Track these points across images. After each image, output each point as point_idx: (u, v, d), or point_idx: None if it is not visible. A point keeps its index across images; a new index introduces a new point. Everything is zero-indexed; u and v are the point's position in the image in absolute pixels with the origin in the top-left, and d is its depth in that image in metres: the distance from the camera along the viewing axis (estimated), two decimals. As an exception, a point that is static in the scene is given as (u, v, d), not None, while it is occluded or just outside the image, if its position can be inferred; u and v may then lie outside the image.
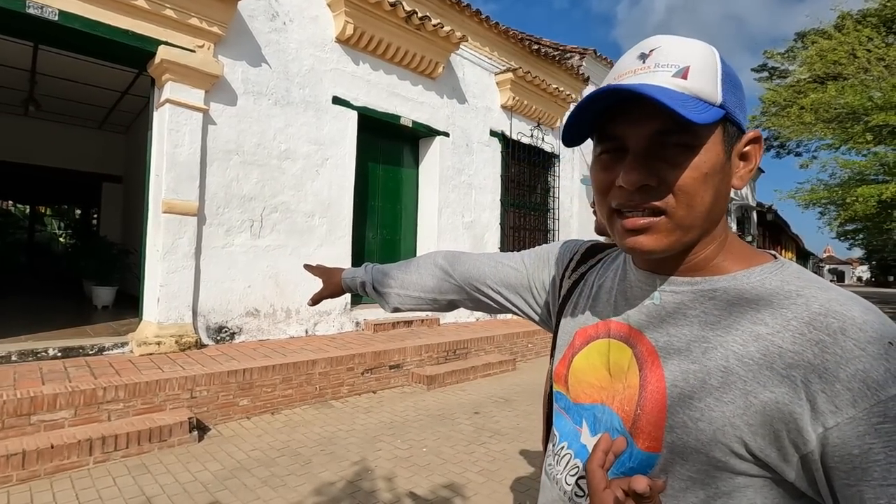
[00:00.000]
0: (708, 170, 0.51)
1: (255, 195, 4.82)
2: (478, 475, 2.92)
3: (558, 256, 0.81)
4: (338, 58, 5.51)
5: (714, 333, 0.53)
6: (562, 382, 0.69)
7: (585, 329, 0.68)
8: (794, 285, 0.51)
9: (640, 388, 0.56)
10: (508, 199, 7.78)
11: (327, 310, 5.41)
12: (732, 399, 0.49)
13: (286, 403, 3.99)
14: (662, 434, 0.53)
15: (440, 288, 0.94)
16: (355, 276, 1.06)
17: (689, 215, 0.52)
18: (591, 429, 0.62)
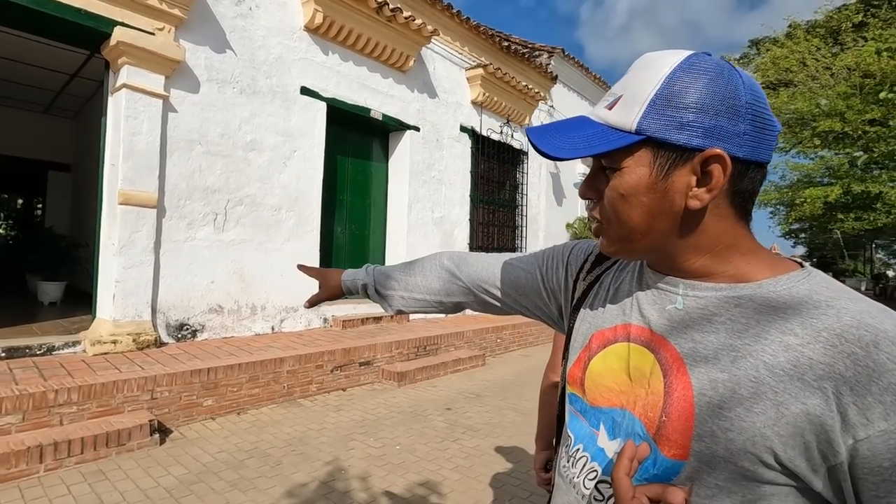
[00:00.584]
0: (625, 191, 0.56)
1: (220, 187, 4.63)
2: (453, 472, 2.92)
3: (571, 258, 0.80)
4: (306, 47, 5.35)
5: (742, 342, 0.52)
6: (577, 385, 0.68)
7: (603, 332, 0.67)
8: (823, 295, 0.51)
9: (666, 395, 0.55)
10: (478, 196, 7.80)
11: (294, 306, 5.27)
12: (763, 410, 0.49)
13: (253, 403, 3.86)
14: (690, 442, 0.52)
15: (447, 290, 0.92)
16: (356, 278, 1.02)
17: (621, 229, 0.58)
18: (609, 432, 0.62)
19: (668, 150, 0.54)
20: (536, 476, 1.35)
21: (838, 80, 10.95)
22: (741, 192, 0.55)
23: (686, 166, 0.53)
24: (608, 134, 0.55)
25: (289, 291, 5.18)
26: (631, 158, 0.55)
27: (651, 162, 0.54)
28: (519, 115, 8.34)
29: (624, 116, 0.55)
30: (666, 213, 0.56)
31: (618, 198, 0.56)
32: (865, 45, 9.48)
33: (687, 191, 0.54)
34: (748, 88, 0.53)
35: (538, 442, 1.35)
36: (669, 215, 0.56)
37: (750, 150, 0.53)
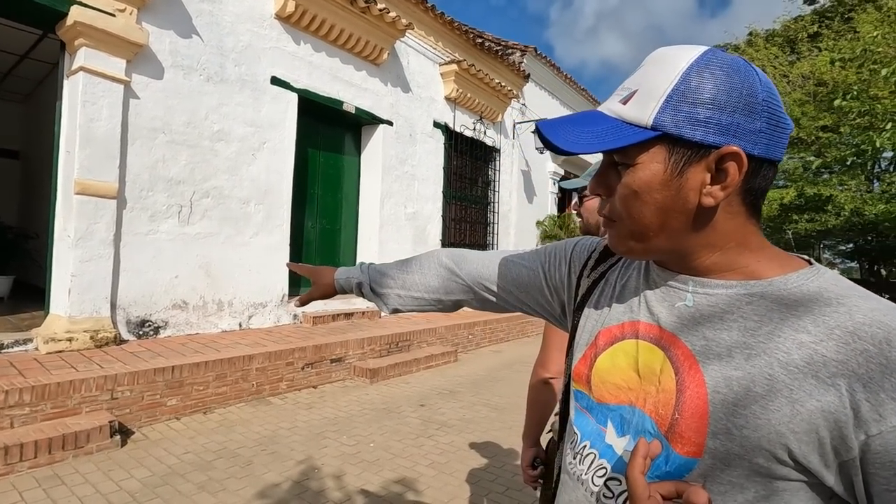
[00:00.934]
0: (638, 187, 0.55)
1: (185, 178, 4.45)
2: (428, 468, 2.90)
3: (574, 255, 0.79)
4: (278, 36, 5.20)
5: (756, 339, 0.52)
6: (583, 382, 0.67)
7: (610, 329, 0.66)
8: (834, 292, 0.52)
9: (678, 393, 0.55)
10: (450, 192, 7.79)
11: (263, 302, 5.14)
12: (779, 407, 0.49)
13: (220, 402, 3.74)
14: (704, 440, 0.52)
15: (446, 288, 0.90)
16: (350, 276, 0.99)
17: (633, 225, 0.57)
18: (617, 429, 0.61)
19: (683, 146, 0.53)
20: (524, 473, 1.35)
21: (794, 88, 11.48)
22: (753, 189, 0.55)
23: (701, 163, 0.53)
24: (623, 129, 0.54)
25: (257, 287, 5.04)
26: (645, 154, 0.54)
27: (666, 158, 0.54)
28: (492, 112, 8.37)
29: (639, 111, 0.54)
30: (679, 211, 0.55)
31: (631, 194, 0.56)
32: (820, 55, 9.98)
33: (701, 188, 0.54)
34: (764, 86, 0.53)
35: (526, 439, 1.35)
36: (682, 212, 0.55)
37: (765, 148, 0.53)
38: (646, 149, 0.54)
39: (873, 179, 11.10)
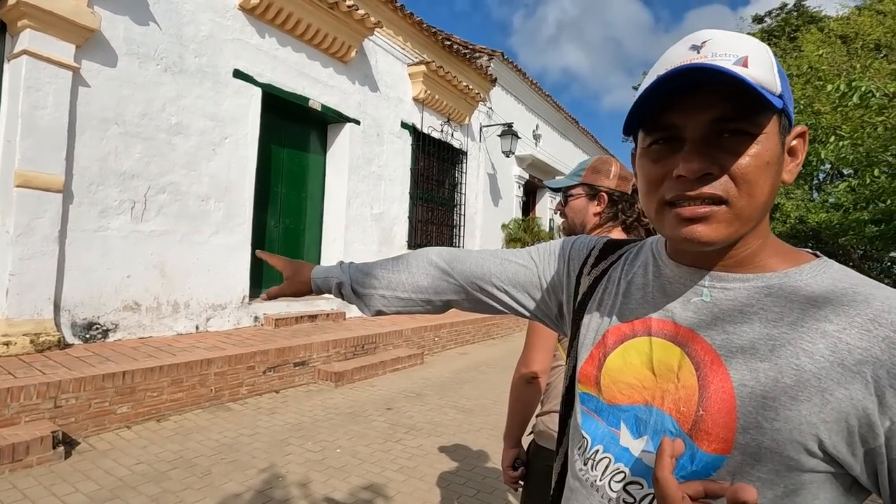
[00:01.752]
0: (769, 158, 0.51)
1: (139, 172, 4.21)
2: (397, 473, 2.84)
3: (573, 253, 0.77)
4: (241, 27, 5.02)
5: (779, 331, 0.51)
6: (591, 383, 0.64)
7: (619, 327, 0.64)
8: (847, 283, 0.52)
9: (701, 389, 0.53)
10: (417, 193, 7.75)
11: (222, 303, 4.93)
12: (808, 397, 0.48)
13: (176, 408, 3.55)
14: (733, 435, 0.51)
15: (436, 288, 0.85)
16: (329, 275, 0.91)
17: (750, 205, 0.51)
18: (632, 431, 0.59)
19: (785, 120, 0.53)
20: (504, 474, 1.33)
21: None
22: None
23: (786, 139, 0.54)
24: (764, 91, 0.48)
25: (216, 287, 4.83)
26: (770, 125, 0.51)
27: (778, 131, 0.52)
28: (459, 114, 8.38)
29: (767, 76, 0.49)
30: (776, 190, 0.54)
31: (763, 167, 0.50)
32: (768, 71, 10.52)
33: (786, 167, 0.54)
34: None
35: (507, 439, 1.33)
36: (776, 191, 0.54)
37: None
38: (769, 117, 0.50)
39: (814, 190, 11.80)
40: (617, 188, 1.29)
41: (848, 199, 7.61)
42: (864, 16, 10.03)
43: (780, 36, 14.04)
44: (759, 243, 0.56)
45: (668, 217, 0.54)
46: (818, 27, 12.26)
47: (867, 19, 9.70)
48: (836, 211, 8.72)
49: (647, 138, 0.55)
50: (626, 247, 0.73)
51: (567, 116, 13.00)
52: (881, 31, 9.06)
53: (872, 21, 9.51)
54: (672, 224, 0.53)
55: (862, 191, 6.45)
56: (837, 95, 4.94)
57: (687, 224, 0.52)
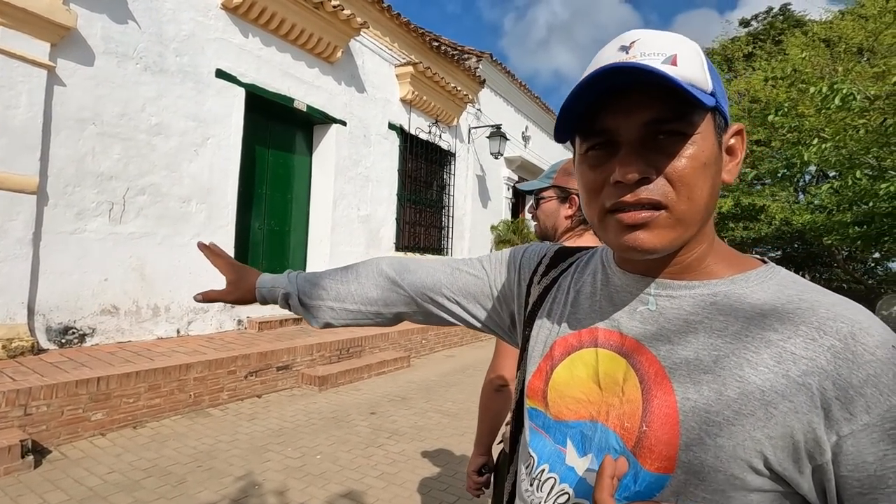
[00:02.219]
0: (706, 159, 0.49)
1: (117, 174, 4.13)
2: (378, 479, 2.79)
3: (523, 261, 0.74)
4: (224, 27, 4.95)
5: (723, 341, 0.49)
6: (539, 398, 0.61)
7: (566, 338, 0.61)
8: (794, 290, 0.50)
9: (645, 403, 0.51)
10: (405, 195, 7.71)
11: (203, 307, 4.85)
12: (752, 411, 0.45)
13: (153, 415, 3.47)
14: (676, 452, 0.48)
15: (386, 299, 0.81)
16: (276, 285, 0.86)
17: (690, 209, 0.49)
18: (578, 449, 0.56)
19: (720, 119, 0.51)
20: (468, 479, 1.30)
21: (732, 104, 12.20)
22: None
23: (722, 139, 0.52)
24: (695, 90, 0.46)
25: (198, 290, 4.73)
26: (704, 123, 0.49)
27: (714, 130, 0.50)
28: (447, 115, 8.36)
29: (697, 74, 0.47)
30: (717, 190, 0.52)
31: (700, 168, 0.48)
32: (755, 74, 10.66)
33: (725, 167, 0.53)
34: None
35: (477, 446, 1.30)
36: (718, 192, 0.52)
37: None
38: (703, 117, 0.49)
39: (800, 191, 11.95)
40: None
41: (831, 200, 7.69)
42: (847, 20, 10.17)
43: (765, 39, 14.21)
44: (703, 248, 0.54)
45: (611, 225, 0.51)
46: (802, 31, 12.42)
47: (850, 23, 9.83)
48: (821, 212, 8.82)
49: (584, 144, 0.53)
50: (577, 254, 0.71)
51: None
52: (863, 35, 9.19)
53: (855, 25, 9.64)
54: (614, 232, 0.51)
55: (845, 192, 6.53)
56: (820, 98, 4.98)
57: (629, 231, 0.50)
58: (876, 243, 6.99)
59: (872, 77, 7.57)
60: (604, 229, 0.53)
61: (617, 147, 0.50)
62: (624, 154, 0.49)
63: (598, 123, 0.50)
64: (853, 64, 8.79)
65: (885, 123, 5.17)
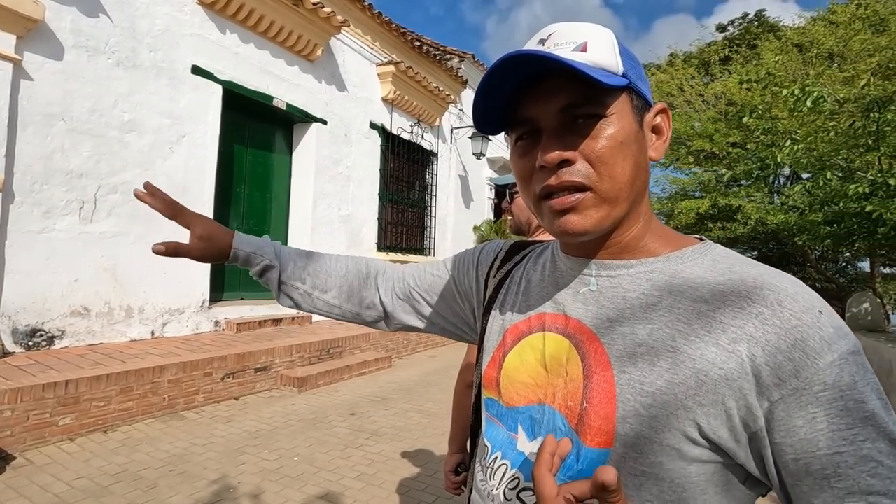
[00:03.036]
0: (623, 138, 0.51)
1: (88, 171, 4.02)
2: (356, 481, 2.76)
3: (482, 258, 0.76)
4: (200, 22, 4.86)
5: (658, 315, 0.51)
6: (493, 387, 0.62)
7: (517, 326, 0.62)
8: (726, 263, 0.52)
9: (585, 380, 0.52)
10: (387, 194, 7.67)
11: (179, 308, 4.74)
12: (683, 380, 0.46)
13: (125, 418, 3.38)
14: (613, 426, 0.49)
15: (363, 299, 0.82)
16: (257, 251, 0.79)
17: (613, 186, 0.51)
18: (528, 433, 0.56)
19: (638, 99, 0.53)
20: (445, 479, 1.29)
21: (709, 106, 12.45)
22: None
23: (645, 118, 0.54)
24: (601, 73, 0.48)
25: (173, 291, 4.65)
26: (617, 104, 0.51)
27: (631, 110, 0.52)
28: (429, 115, 8.35)
29: (607, 59, 0.50)
30: (645, 169, 0.54)
31: (616, 146, 0.50)
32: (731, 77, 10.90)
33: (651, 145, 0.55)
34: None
35: (451, 445, 1.29)
36: (644, 170, 0.54)
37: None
38: (616, 98, 0.51)
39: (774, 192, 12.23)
40: None
41: (804, 201, 7.88)
42: (819, 26, 10.46)
43: (741, 44, 14.53)
44: (639, 227, 0.55)
45: (545, 211, 0.54)
46: (776, 36, 12.73)
47: (821, 29, 10.11)
48: (794, 213, 9.04)
49: (513, 135, 0.56)
50: (531, 247, 0.73)
51: (538, 119, 13.12)
52: (833, 40, 9.46)
53: (826, 31, 9.91)
54: (549, 218, 0.54)
55: (816, 193, 6.70)
56: (793, 100, 5.10)
57: (560, 216, 0.52)
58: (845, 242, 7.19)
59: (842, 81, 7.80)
60: (540, 215, 0.55)
61: (540, 134, 0.52)
62: (545, 140, 0.51)
63: (520, 114, 0.53)
64: (824, 68, 9.05)
65: (854, 126, 5.32)
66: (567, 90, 0.50)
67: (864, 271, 12.27)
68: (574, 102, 0.50)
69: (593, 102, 0.50)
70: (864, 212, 5.11)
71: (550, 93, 0.50)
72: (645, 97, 0.54)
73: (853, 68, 8.42)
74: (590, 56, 0.49)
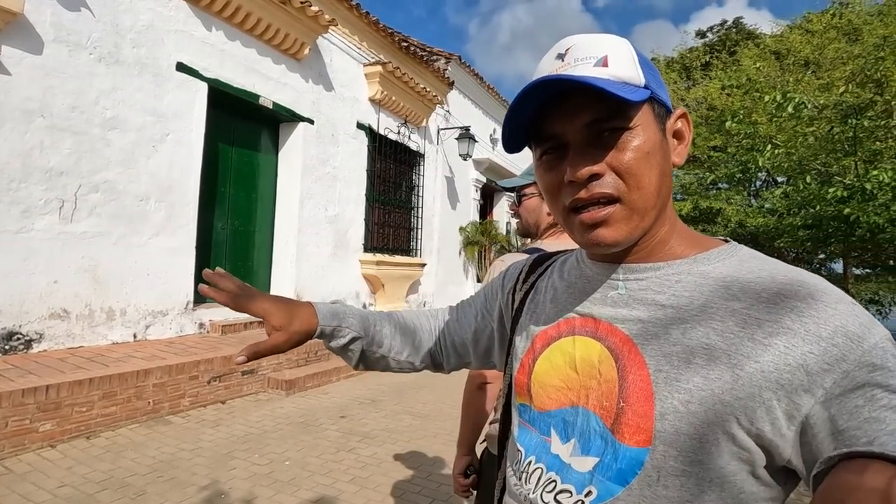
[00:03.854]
0: (649, 148, 0.52)
1: (68, 169, 3.90)
2: (349, 484, 2.73)
3: (507, 277, 0.78)
4: (185, 18, 4.76)
5: (689, 314, 0.51)
6: (524, 392, 0.63)
7: (546, 331, 0.63)
8: (754, 263, 0.53)
9: (620, 380, 0.52)
10: (374, 195, 7.62)
11: (163, 310, 4.63)
12: (720, 375, 0.47)
13: (108, 424, 3.29)
14: (652, 424, 0.49)
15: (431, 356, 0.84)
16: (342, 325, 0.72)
17: (642, 197, 0.52)
18: (561, 436, 0.57)
19: (660, 107, 0.54)
20: (454, 482, 1.28)
21: (690, 111, 12.69)
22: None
23: (667, 125, 0.55)
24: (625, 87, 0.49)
25: (157, 293, 4.54)
26: (640, 116, 0.52)
27: (654, 119, 0.53)
28: (416, 116, 8.32)
29: (628, 71, 0.51)
30: (669, 176, 0.55)
31: (643, 157, 0.51)
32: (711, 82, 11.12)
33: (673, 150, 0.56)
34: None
35: (460, 447, 1.28)
36: (669, 176, 0.55)
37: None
38: (640, 109, 0.52)
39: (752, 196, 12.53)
40: None
41: (782, 204, 8.10)
42: (796, 34, 10.75)
43: (720, 50, 14.86)
44: (665, 231, 0.56)
45: (575, 224, 0.55)
46: (755, 43, 13.05)
47: (798, 37, 10.40)
48: (772, 216, 9.27)
49: (538, 150, 0.57)
50: (554, 257, 0.74)
51: (523, 121, 13.19)
52: (810, 48, 9.73)
53: (802, 39, 10.20)
54: (579, 231, 0.55)
55: (794, 197, 6.88)
56: (773, 106, 5.23)
57: (591, 230, 0.53)
58: (822, 244, 7.40)
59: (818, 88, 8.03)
60: (569, 228, 0.56)
61: (567, 149, 0.53)
62: (572, 155, 0.53)
63: (546, 130, 0.54)
64: (801, 75, 9.31)
65: (832, 132, 5.48)
66: (592, 107, 0.51)
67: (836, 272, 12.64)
68: (599, 118, 0.51)
69: (618, 116, 0.51)
70: (841, 215, 5.26)
71: (575, 110, 0.52)
72: (666, 104, 0.55)
73: (828, 75, 8.68)
74: (611, 70, 0.50)
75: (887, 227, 5.13)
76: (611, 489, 0.51)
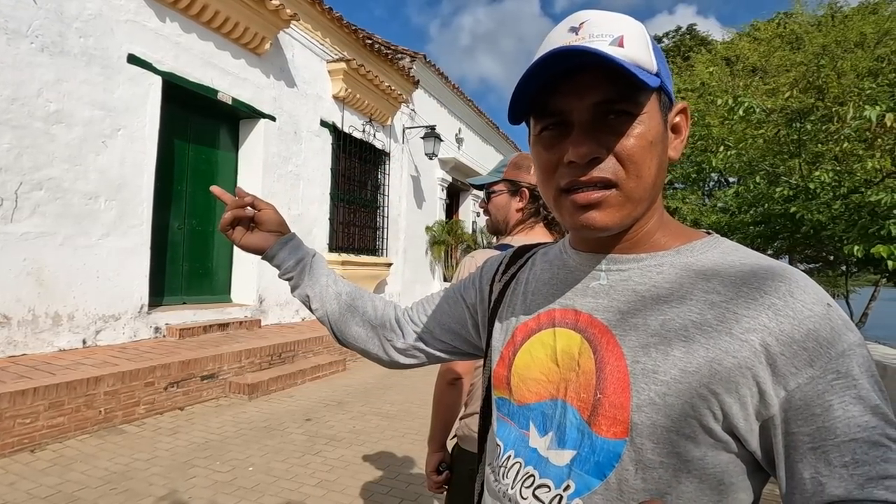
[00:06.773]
0: (653, 138, 0.51)
1: (8, 166, 3.65)
2: (316, 488, 2.67)
3: (485, 269, 0.77)
4: (136, 8, 4.54)
5: (669, 306, 0.51)
6: (503, 386, 0.61)
7: (526, 324, 0.61)
8: (735, 256, 0.53)
9: (598, 371, 0.52)
10: (338, 194, 7.50)
11: (115, 314, 4.41)
12: (697, 368, 0.47)
13: (55, 435, 3.10)
14: (628, 415, 0.48)
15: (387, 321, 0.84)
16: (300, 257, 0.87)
17: (639, 186, 0.51)
18: (539, 429, 0.56)
19: (665, 98, 0.53)
20: (428, 479, 1.26)
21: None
22: None
23: (667, 117, 0.54)
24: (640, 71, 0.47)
25: (108, 296, 4.32)
26: (650, 103, 0.51)
27: (659, 109, 0.52)
28: (381, 115, 8.25)
29: (643, 55, 0.49)
30: (664, 167, 0.54)
31: (647, 146, 0.50)
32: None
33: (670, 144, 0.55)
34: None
35: (431, 443, 1.27)
36: (664, 169, 0.54)
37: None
38: (649, 96, 0.51)
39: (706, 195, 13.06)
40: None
41: (734, 203, 8.48)
42: (744, 41, 11.29)
43: (675, 55, 15.44)
44: (652, 223, 0.56)
45: (566, 205, 0.53)
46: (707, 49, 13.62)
47: (746, 45, 10.93)
48: (725, 214, 9.70)
49: (538, 125, 0.54)
50: (534, 249, 0.73)
51: (488, 122, 13.30)
52: (757, 55, 10.24)
53: (750, 47, 10.72)
54: (569, 212, 0.53)
55: (745, 196, 7.22)
56: (726, 109, 5.47)
57: (583, 211, 0.52)
58: (771, 240, 7.80)
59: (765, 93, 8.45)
60: (559, 209, 0.55)
61: (569, 127, 0.51)
62: (576, 134, 0.50)
63: (551, 105, 0.52)
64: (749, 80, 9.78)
65: (779, 134, 5.77)
66: (603, 86, 0.49)
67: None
68: (609, 99, 0.49)
69: (628, 100, 0.49)
70: (787, 213, 5.56)
71: (586, 87, 0.49)
72: (671, 96, 0.54)
73: (774, 81, 9.16)
74: (627, 52, 0.48)
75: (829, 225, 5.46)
76: (588, 483, 0.50)
